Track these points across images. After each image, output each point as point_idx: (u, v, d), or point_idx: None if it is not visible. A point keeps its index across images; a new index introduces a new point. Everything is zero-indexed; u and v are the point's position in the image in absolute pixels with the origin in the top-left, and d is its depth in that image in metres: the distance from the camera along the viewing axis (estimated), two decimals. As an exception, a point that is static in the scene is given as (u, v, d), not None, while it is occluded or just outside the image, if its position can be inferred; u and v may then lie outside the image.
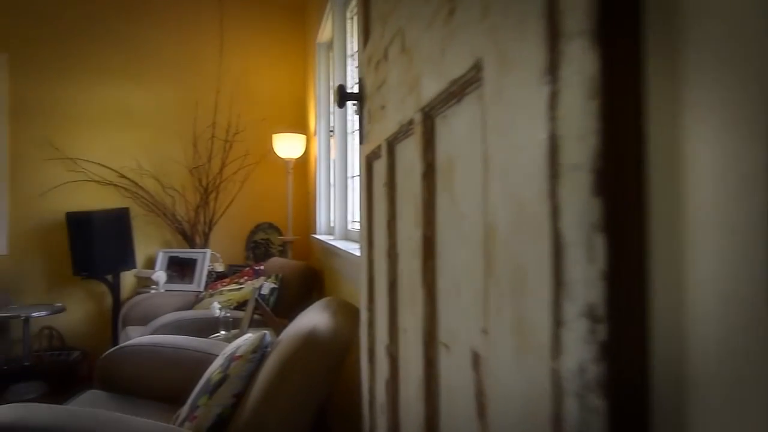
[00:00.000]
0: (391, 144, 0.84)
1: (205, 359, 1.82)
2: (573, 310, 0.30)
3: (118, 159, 3.71)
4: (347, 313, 1.54)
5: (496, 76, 0.38)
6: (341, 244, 2.24)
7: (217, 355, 1.85)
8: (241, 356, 1.42)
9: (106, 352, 1.86)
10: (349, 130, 2.52)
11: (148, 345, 1.86)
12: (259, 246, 3.94)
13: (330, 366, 1.31)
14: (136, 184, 3.72)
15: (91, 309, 3.70)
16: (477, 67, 0.42)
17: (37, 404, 1.26)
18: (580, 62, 0.30)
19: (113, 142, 3.71)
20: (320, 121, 3.16)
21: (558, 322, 0.30)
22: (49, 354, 3.46)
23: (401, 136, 0.77)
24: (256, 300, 2.22)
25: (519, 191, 0.34)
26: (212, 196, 3.78)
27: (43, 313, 3.11)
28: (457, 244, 0.52)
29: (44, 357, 3.42)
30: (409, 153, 0.72)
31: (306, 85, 3.89)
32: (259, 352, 1.43)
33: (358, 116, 1.17)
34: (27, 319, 3.10)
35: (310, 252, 3.76)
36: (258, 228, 3.93)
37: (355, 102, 1.15)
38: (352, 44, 2.56)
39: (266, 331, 1.46)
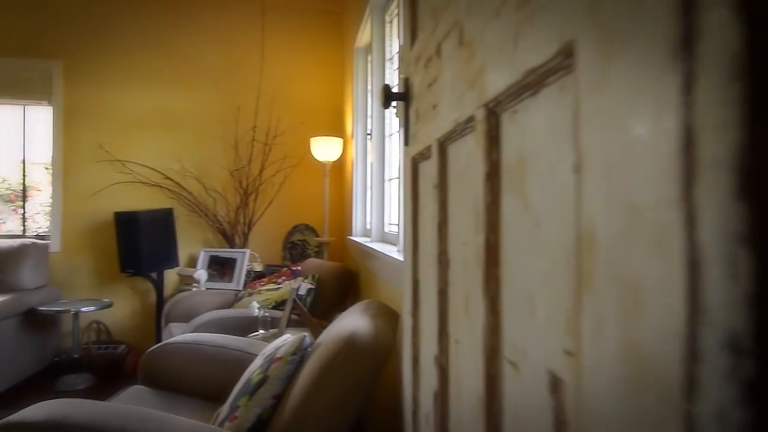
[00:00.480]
0: (443, 144, 0.79)
1: (244, 358, 1.80)
2: (710, 340, 0.24)
3: (164, 161, 3.77)
4: (387, 317, 1.49)
5: (596, 59, 0.32)
6: (378, 247, 2.19)
7: (257, 355, 1.83)
8: (281, 358, 1.39)
9: (150, 349, 1.86)
10: (387, 133, 2.47)
11: (190, 343, 1.85)
12: (296, 247, 3.94)
13: (370, 371, 1.27)
14: (180, 185, 3.77)
15: (137, 305, 3.77)
16: (565, 53, 0.36)
17: (82, 400, 1.26)
18: (722, 36, 0.24)
19: (159, 145, 3.78)
20: (357, 124, 3.13)
21: (691, 354, 0.24)
22: (96, 347, 3.54)
23: (456, 135, 0.71)
24: (294, 300, 2.20)
25: (632, 194, 0.28)
26: (252, 197, 3.80)
27: (91, 308, 3.18)
28: (530, 252, 0.46)
29: (92, 350, 3.50)
30: (466, 153, 0.66)
31: (343, 90, 3.87)
32: (299, 354, 1.40)
33: (401, 118, 1.12)
34: (77, 314, 3.17)
35: (345, 253, 3.73)
36: (295, 229, 3.93)
37: (397, 103, 1.10)
38: (391, 47, 2.52)
39: (306, 334, 1.42)
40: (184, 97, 3.82)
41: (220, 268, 3.66)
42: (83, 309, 3.14)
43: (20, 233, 3.84)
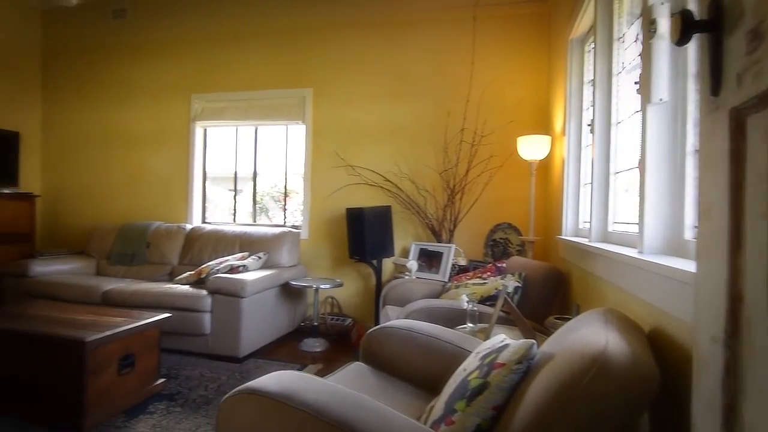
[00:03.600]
0: None
1: (457, 353, 1.53)
2: None
3: (384, 165, 3.81)
4: (635, 334, 1.04)
5: None
6: (604, 247, 1.69)
7: (469, 352, 1.55)
8: (503, 364, 1.06)
9: (370, 330, 1.74)
10: (613, 121, 1.93)
11: (405, 329, 1.67)
12: (498, 244, 3.56)
13: (629, 404, 0.85)
14: (396, 185, 3.76)
15: (361, 285, 3.89)
16: None
17: (312, 377, 1.14)
18: None
19: (380, 151, 3.84)
20: (570, 119, 2.61)
21: None
22: (330, 318, 3.75)
23: None
24: (505, 298, 1.85)
25: None
26: (458, 196, 3.57)
27: (327, 286, 3.35)
28: None
29: (327, 320, 3.72)
30: None
31: (550, 87, 3.35)
32: (525, 363, 1.05)
33: (704, 56, 0.68)
34: (317, 289, 3.38)
35: (549, 253, 3.21)
36: (497, 227, 3.56)
37: (698, 36, 0.67)
38: (620, 26, 1.97)
39: (534, 341, 1.07)
40: (401, 109, 3.80)
41: (428, 260, 3.52)
42: (322, 286, 3.33)
43: (282, 224, 4.35)
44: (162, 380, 2.47)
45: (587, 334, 0.99)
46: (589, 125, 2.33)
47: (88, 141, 4.68)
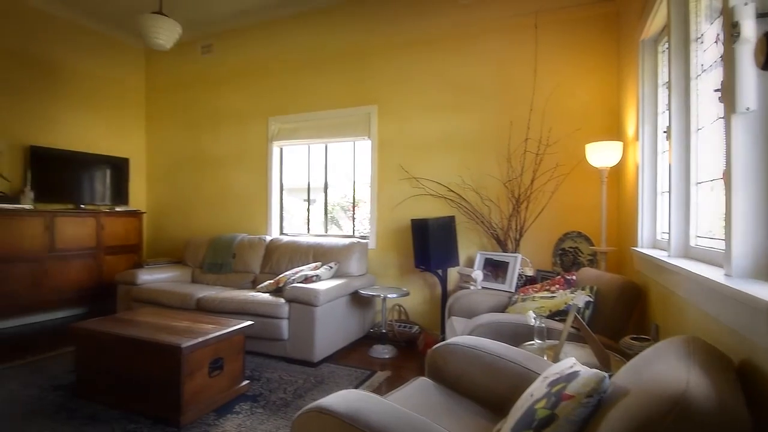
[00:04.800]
0: None
1: (524, 375, 1.46)
2: None
3: (447, 176, 3.77)
4: (723, 371, 0.92)
5: None
6: (682, 264, 1.53)
7: (536, 373, 1.47)
8: (573, 396, 1.00)
9: (435, 346, 1.72)
10: (693, 128, 1.74)
11: (469, 347, 1.63)
12: (567, 254, 3.36)
13: (715, 455, 0.75)
14: (460, 196, 3.70)
15: (426, 294, 3.87)
16: None
17: (379, 399, 1.15)
18: None
19: (443, 162, 3.79)
20: (643, 124, 2.40)
21: None
22: (398, 325, 3.77)
23: None
24: (576, 316, 1.74)
25: None
26: (523, 205, 3.42)
27: (394, 296, 3.37)
28: None
29: (394, 326, 3.74)
30: None
31: (621, 90, 3.10)
32: (596, 396, 0.98)
33: None
34: (384, 299, 3.41)
35: (623, 265, 2.97)
36: (566, 236, 3.36)
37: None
38: (698, 26, 1.77)
39: (606, 374, 0.99)
40: (463, 120, 3.74)
41: (494, 269, 3.41)
42: (389, 296, 3.35)
43: (351, 234, 4.45)
44: (246, 382, 2.63)
45: (666, 370, 0.90)
46: (664, 132, 2.12)
47: (182, 162, 5.15)
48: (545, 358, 1.84)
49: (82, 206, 4.50)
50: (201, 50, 4.99)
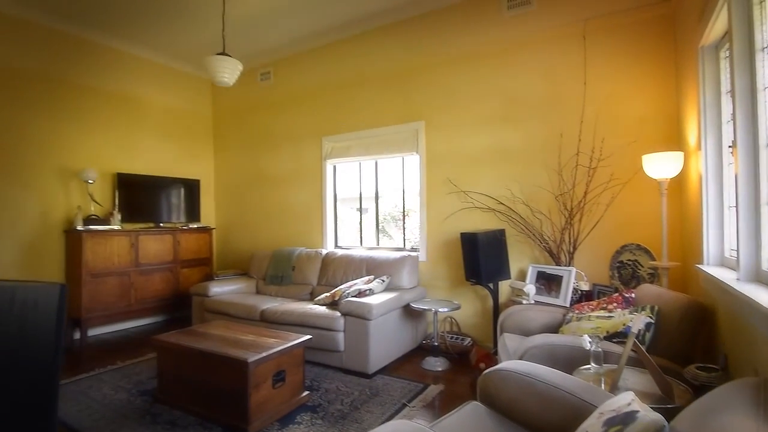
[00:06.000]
0: None
1: (578, 405, 1.41)
2: None
3: (496, 189, 3.70)
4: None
5: None
6: (752, 290, 1.40)
7: (592, 405, 1.41)
8: (628, 441, 0.96)
9: (487, 371, 1.70)
10: (762, 143, 1.60)
11: (522, 374, 1.59)
12: (625, 267, 3.17)
13: None
14: (510, 209, 3.62)
15: (478, 307, 3.81)
16: None
17: (419, 428, 1.17)
18: None
19: (493, 176, 3.73)
20: (706, 135, 2.23)
21: None
22: (450, 337, 3.74)
23: None
24: (635, 341, 1.65)
25: None
26: (576, 218, 3.28)
27: (445, 310, 3.36)
28: None
29: (446, 338, 3.71)
30: None
31: (680, 98, 2.89)
32: (653, 443, 0.93)
33: None
34: (436, 312, 3.41)
35: (688, 282, 2.76)
36: (624, 248, 3.17)
37: None
38: (762, 33, 1.63)
39: (666, 425, 0.94)
40: (512, 133, 3.65)
41: (547, 283, 3.30)
42: (440, 309, 3.34)
43: (401, 246, 4.49)
44: (306, 392, 2.74)
45: (732, 423, 0.84)
46: (729, 147, 1.95)
47: (246, 181, 5.47)
48: (602, 385, 1.76)
49: (160, 224, 4.90)
50: (260, 77, 5.29)
